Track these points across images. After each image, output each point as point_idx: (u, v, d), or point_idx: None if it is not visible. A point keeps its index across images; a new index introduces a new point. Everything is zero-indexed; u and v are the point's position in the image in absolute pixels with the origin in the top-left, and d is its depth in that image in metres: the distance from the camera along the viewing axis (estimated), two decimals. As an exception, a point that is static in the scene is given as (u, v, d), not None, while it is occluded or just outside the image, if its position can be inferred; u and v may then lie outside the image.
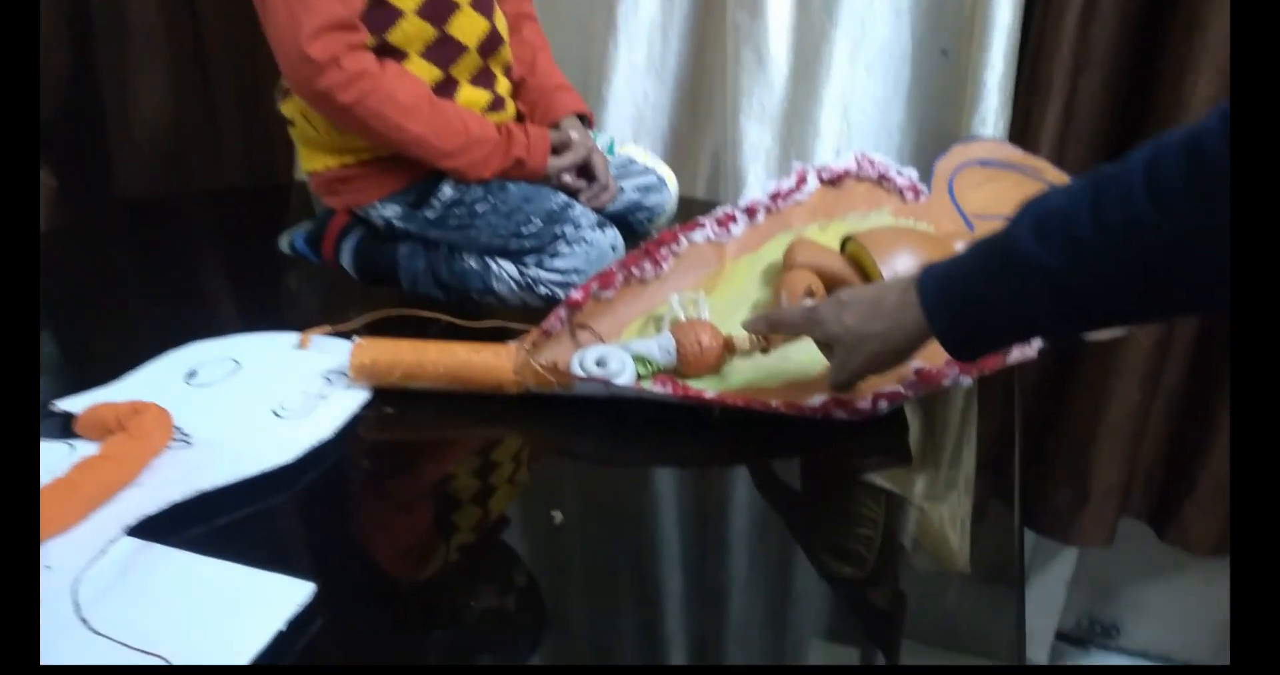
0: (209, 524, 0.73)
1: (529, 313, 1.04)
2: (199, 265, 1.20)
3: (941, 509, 0.82)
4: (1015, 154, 1.11)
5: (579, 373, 0.87)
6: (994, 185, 1.08)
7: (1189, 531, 1.38)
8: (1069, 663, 1.70)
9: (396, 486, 0.83)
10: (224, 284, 1.19)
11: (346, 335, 0.98)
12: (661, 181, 1.19)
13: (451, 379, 0.88)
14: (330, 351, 0.96)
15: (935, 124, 1.31)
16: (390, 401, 0.90)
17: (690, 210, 1.29)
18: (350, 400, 0.89)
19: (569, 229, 1.02)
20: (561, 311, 0.92)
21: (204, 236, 1.34)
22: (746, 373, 0.92)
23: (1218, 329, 1.30)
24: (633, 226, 1.19)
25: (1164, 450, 1.38)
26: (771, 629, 0.68)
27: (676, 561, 0.74)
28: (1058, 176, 1.08)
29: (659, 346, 0.90)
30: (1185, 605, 1.61)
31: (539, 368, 0.86)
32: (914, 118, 1.32)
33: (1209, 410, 1.32)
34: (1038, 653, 1.67)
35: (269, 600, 0.65)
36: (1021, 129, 1.26)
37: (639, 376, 0.89)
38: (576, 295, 0.92)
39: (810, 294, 0.92)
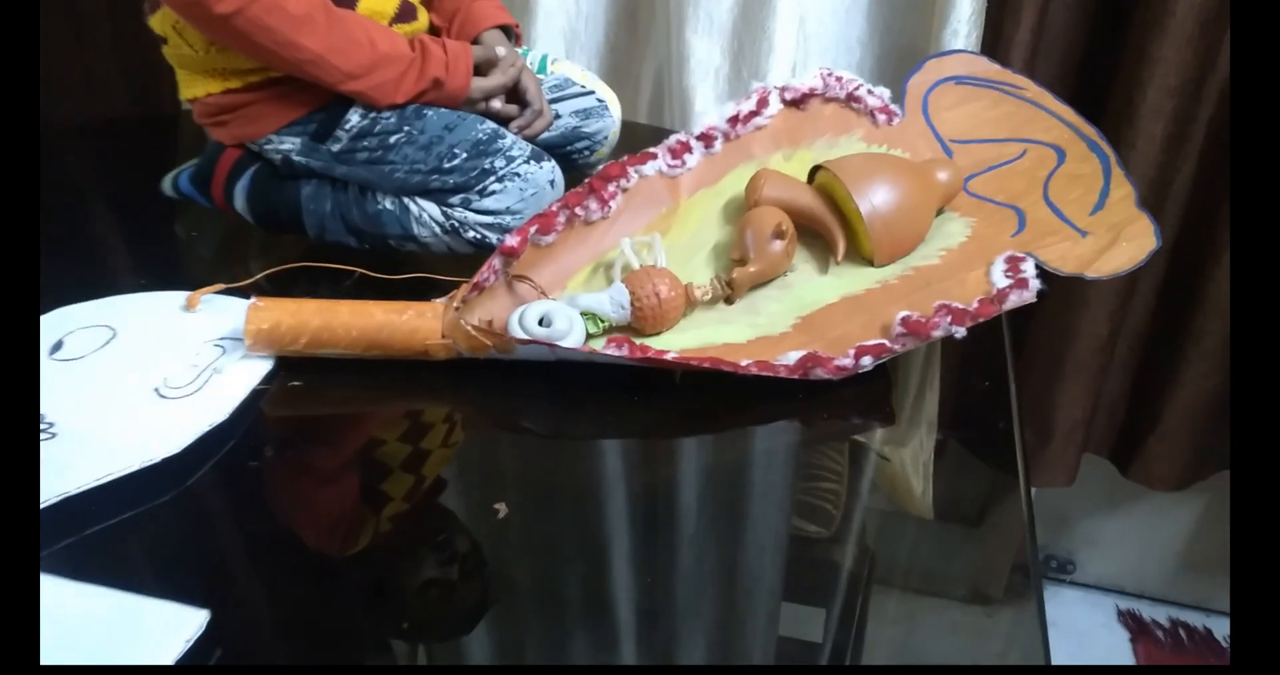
0: (76, 536, 0.61)
1: (457, 261, 0.91)
2: (67, 212, 1.03)
3: (929, 464, 0.75)
4: (993, 69, 1.00)
5: (519, 334, 0.75)
6: (971, 106, 0.97)
7: (1152, 467, 1.34)
8: (1024, 598, 1.68)
9: (307, 479, 0.71)
10: (97, 235, 1.03)
11: (244, 294, 0.84)
12: (602, 105, 1.06)
13: (369, 345, 0.76)
14: (224, 313, 0.82)
15: (900, 37, 1.20)
16: (297, 373, 0.77)
17: (632, 137, 1.15)
18: (249, 373, 0.76)
19: (499, 162, 0.88)
20: (496, 261, 0.80)
21: (74, 178, 1.15)
22: (708, 325, 0.81)
23: (1183, 260, 1.24)
24: (571, 157, 1.05)
25: (1129, 385, 1.33)
26: (741, 614, 0.60)
27: (636, 548, 0.64)
28: (1039, 94, 0.98)
29: (611, 300, 0.78)
30: (1139, 538, 1.60)
31: (471, 329, 0.74)
32: (876, 30, 1.20)
33: (1176, 343, 1.26)
34: (995, 589, 1.65)
35: (151, 635, 0.53)
36: (991, 43, 1.15)
37: (589, 336, 0.78)
38: (512, 241, 0.80)
39: (779, 234, 0.81)
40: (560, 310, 0.76)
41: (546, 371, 0.76)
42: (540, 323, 0.76)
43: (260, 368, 0.77)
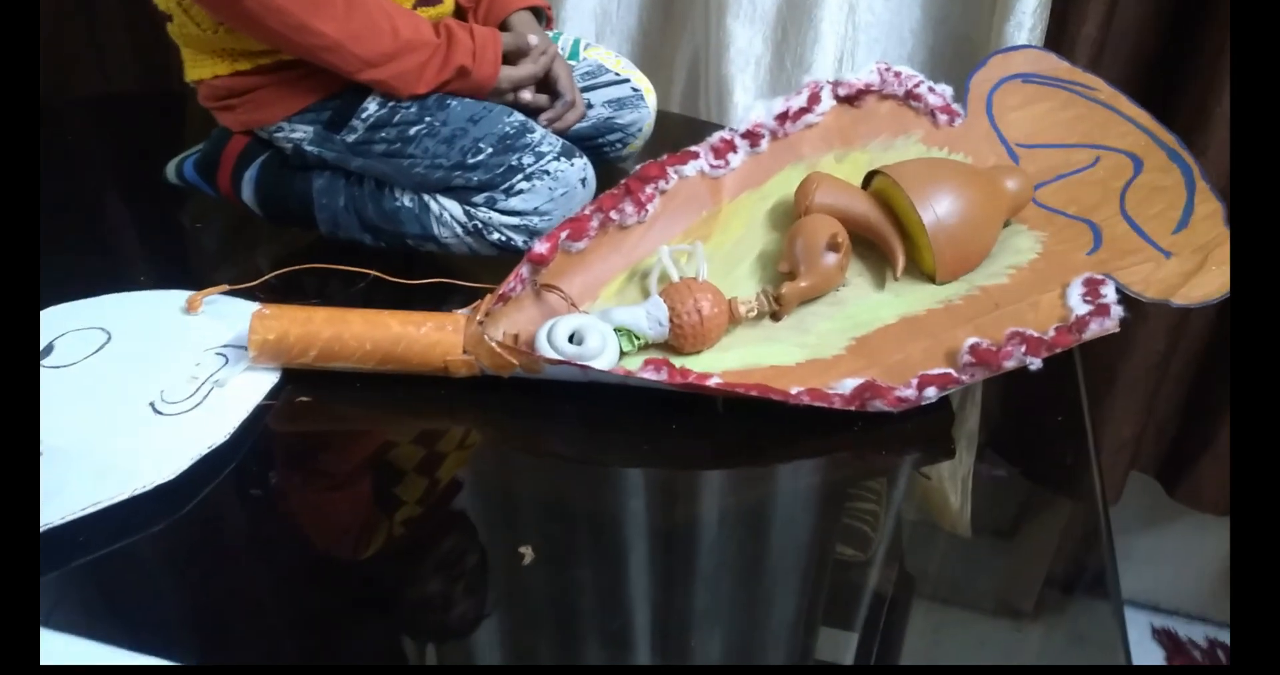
0: (57, 571, 0.55)
1: (480, 264, 0.84)
2: (63, 199, 0.97)
3: (968, 480, 0.70)
4: (1062, 67, 0.92)
5: (548, 352, 0.68)
6: (1038, 107, 0.90)
7: (1202, 490, 1.27)
8: (1054, 610, 1.62)
9: (316, 509, 0.64)
10: (94, 224, 0.96)
11: (250, 295, 0.78)
12: (638, 94, 0.98)
13: (383, 358, 0.69)
14: (228, 318, 0.76)
15: (956, 28, 1.12)
16: (306, 387, 0.71)
17: (665, 128, 1.09)
18: (253, 386, 0.70)
19: (527, 159, 0.81)
20: (523, 269, 0.73)
21: (72, 160, 1.09)
22: (753, 344, 0.74)
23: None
24: (602, 150, 0.99)
25: (1183, 402, 1.26)
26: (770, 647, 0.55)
27: (663, 589, 0.58)
28: (1112, 96, 0.90)
29: (648, 316, 0.72)
30: (1177, 554, 1.53)
31: (495, 346, 0.68)
32: (931, 20, 1.12)
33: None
34: (1024, 601, 1.59)
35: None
36: (1055, 37, 1.07)
37: (623, 353, 0.71)
38: (541, 248, 0.73)
39: (833, 246, 0.74)
40: (593, 326, 0.70)
41: (576, 391, 0.70)
42: (571, 339, 0.69)
43: (265, 380, 0.70)
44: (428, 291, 0.78)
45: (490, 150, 0.81)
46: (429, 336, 0.69)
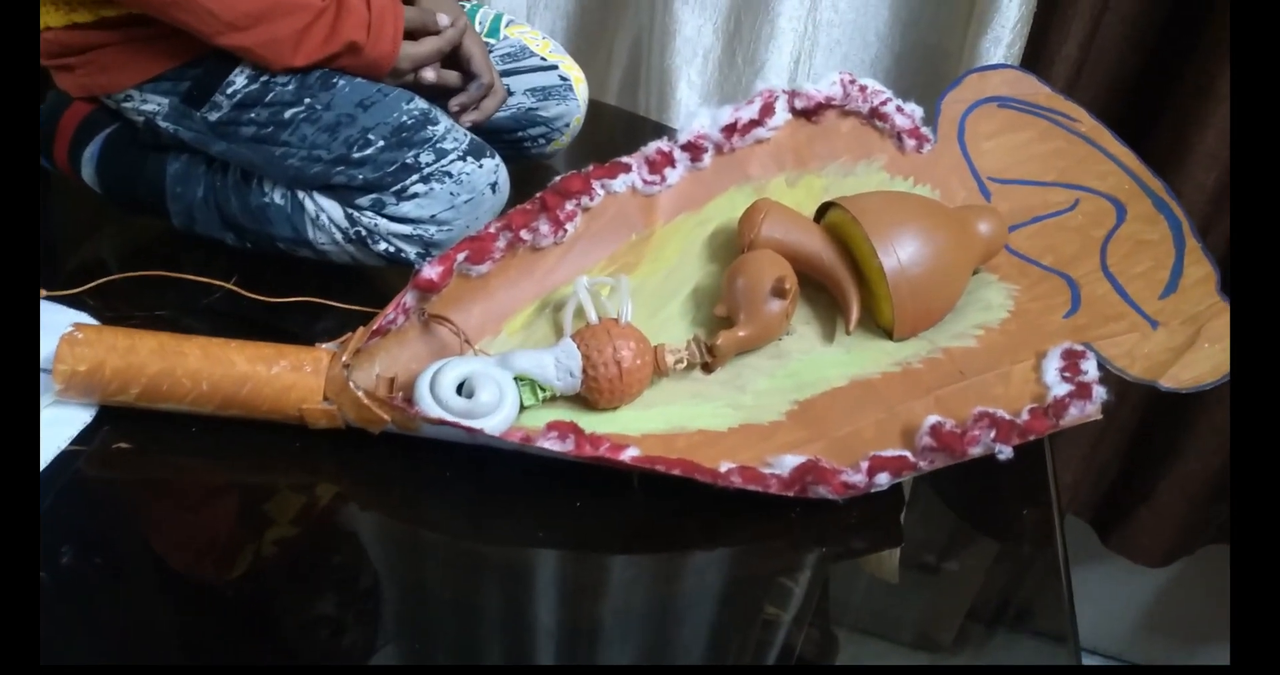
0: None
1: (364, 277, 0.71)
2: None
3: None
4: (1042, 93, 0.83)
5: (429, 407, 0.56)
6: (1014, 136, 0.80)
7: (1137, 539, 1.21)
8: (974, 645, 1.57)
9: (126, 592, 0.51)
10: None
11: (81, 303, 0.64)
12: (566, 83, 0.86)
13: (224, 402, 0.56)
14: (44, 332, 0.61)
15: (927, 35, 1.01)
16: (127, 430, 0.57)
17: (598, 121, 0.96)
18: (60, 426, 0.56)
19: (426, 156, 0.68)
20: (407, 297, 0.60)
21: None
22: (680, 401, 0.63)
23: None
24: (523, 146, 0.86)
25: (1125, 449, 1.19)
26: None
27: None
28: (1094, 129, 0.81)
29: (557, 364, 0.60)
30: (1100, 596, 1.49)
31: (362, 396, 0.55)
32: (900, 23, 1.01)
33: (1185, 412, 1.12)
34: (944, 635, 1.54)
35: None
36: (1032, 56, 0.98)
37: (524, 407, 0.59)
38: (431, 273, 0.60)
39: (779, 291, 0.63)
40: (486, 377, 0.57)
41: (461, 453, 0.58)
42: (460, 390, 0.57)
43: (76, 419, 0.57)
44: (299, 309, 0.65)
45: (381, 144, 0.68)
46: (282, 378, 0.56)
